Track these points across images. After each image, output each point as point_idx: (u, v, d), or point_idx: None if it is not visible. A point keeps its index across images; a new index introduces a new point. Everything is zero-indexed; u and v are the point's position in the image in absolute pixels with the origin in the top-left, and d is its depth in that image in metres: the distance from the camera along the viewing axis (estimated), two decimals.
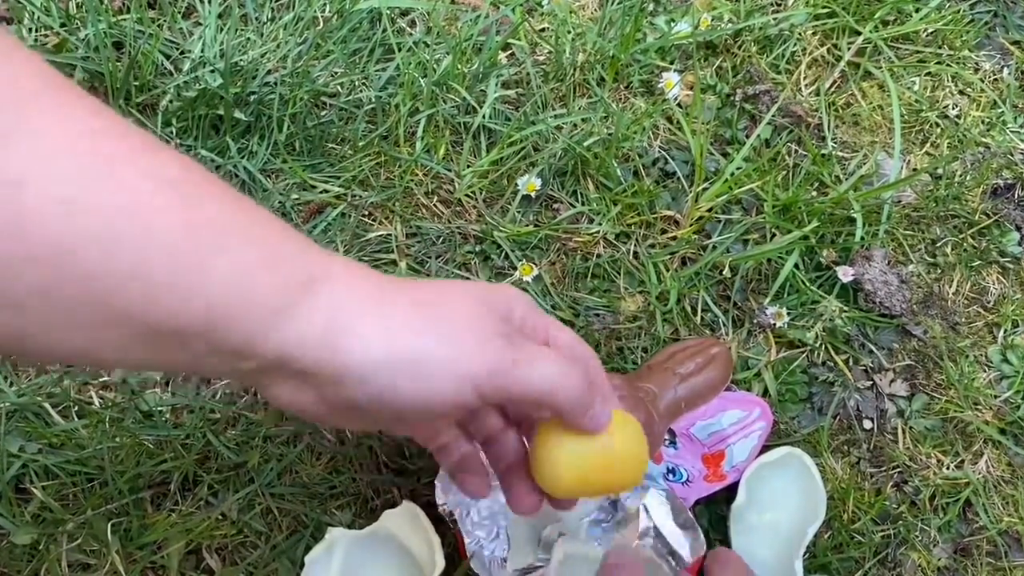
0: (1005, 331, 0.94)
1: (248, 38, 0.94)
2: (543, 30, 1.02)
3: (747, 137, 0.98)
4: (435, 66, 0.95)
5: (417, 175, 0.91)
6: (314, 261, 0.38)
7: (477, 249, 0.89)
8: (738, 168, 0.94)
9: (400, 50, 0.96)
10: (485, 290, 0.43)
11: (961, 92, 1.08)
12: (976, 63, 1.10)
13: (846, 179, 0.97)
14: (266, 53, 0.93)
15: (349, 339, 0.37)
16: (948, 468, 0.86)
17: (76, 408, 0.78)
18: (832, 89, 1.05)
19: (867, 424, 0.88)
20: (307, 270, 0.37)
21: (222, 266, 0.34)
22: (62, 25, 0.91)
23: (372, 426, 0.46)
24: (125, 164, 0.32)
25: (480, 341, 0.39)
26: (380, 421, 0.43)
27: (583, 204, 0.92)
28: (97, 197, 0.31)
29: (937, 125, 1.05)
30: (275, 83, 0.91)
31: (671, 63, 1.02)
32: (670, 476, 0.78)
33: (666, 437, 0.80)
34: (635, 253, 0.91)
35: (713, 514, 0.81)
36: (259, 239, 0.36)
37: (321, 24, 0.97)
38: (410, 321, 0.38)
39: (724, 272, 0.91)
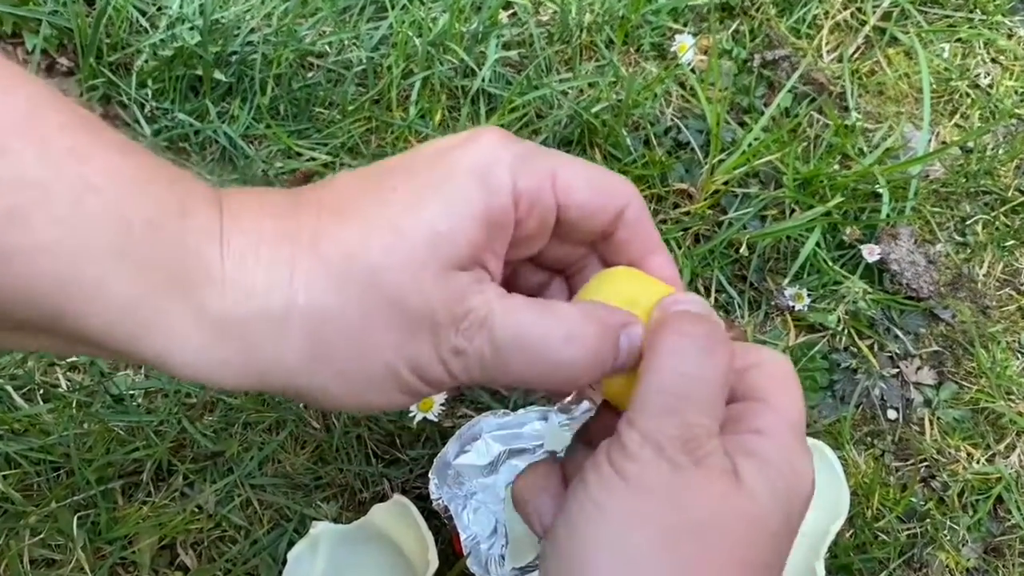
0: None
1: None
2: None
3: (766, 106, 0.94)
4: (431, 25, 0.91)
5: (411, 142, 0.88)
6: (191, 243, 0.30)
7: None
8: (756, 139, 0.90)
9: (393, 7, 0.93)
10: (442, 213, 0.31)
11: (994, 60, 1.04)
12: (1010, 29, 1.06)
13: (871, 152, 0.93)
14: (249, 9, 0.90)
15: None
16: (978, 462, 0.82)
17: (41, 391, 0.74)
18: (856, 55, 1.02)
19: (892, 414, 0.83)
20: (181, 260, 0.29)
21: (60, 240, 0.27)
22: None
23: None
24: None
25: (401, 327, 0.31)
26: None
27: None
28: None
29: (968, 95, 1.01)
30: (258, 42, 0.87)
31: (685, 25, 0.99)
32: None
33: None
34: None
35: None
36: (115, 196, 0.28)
37: None
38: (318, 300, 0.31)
39: (740, 250, 0.87)
